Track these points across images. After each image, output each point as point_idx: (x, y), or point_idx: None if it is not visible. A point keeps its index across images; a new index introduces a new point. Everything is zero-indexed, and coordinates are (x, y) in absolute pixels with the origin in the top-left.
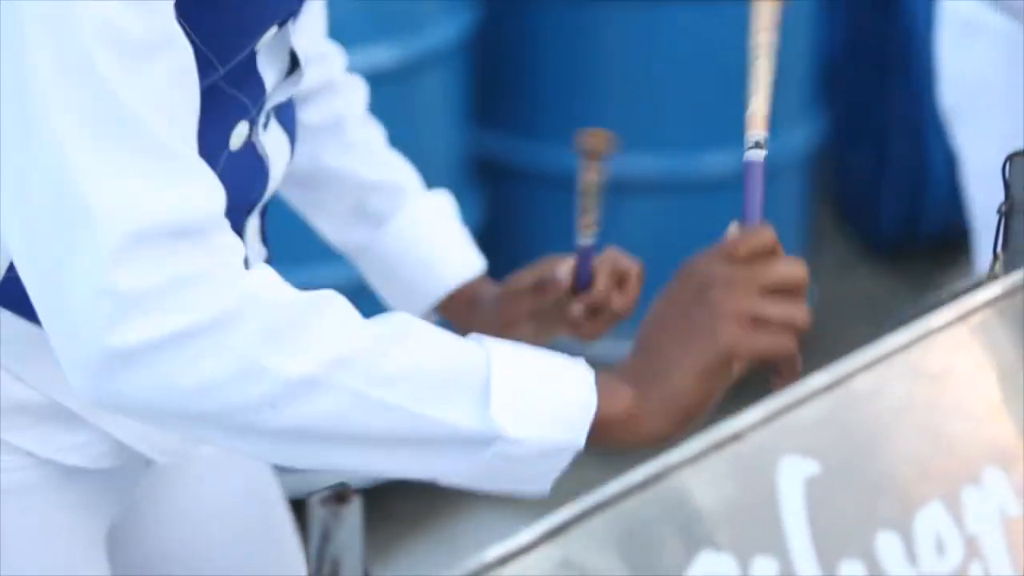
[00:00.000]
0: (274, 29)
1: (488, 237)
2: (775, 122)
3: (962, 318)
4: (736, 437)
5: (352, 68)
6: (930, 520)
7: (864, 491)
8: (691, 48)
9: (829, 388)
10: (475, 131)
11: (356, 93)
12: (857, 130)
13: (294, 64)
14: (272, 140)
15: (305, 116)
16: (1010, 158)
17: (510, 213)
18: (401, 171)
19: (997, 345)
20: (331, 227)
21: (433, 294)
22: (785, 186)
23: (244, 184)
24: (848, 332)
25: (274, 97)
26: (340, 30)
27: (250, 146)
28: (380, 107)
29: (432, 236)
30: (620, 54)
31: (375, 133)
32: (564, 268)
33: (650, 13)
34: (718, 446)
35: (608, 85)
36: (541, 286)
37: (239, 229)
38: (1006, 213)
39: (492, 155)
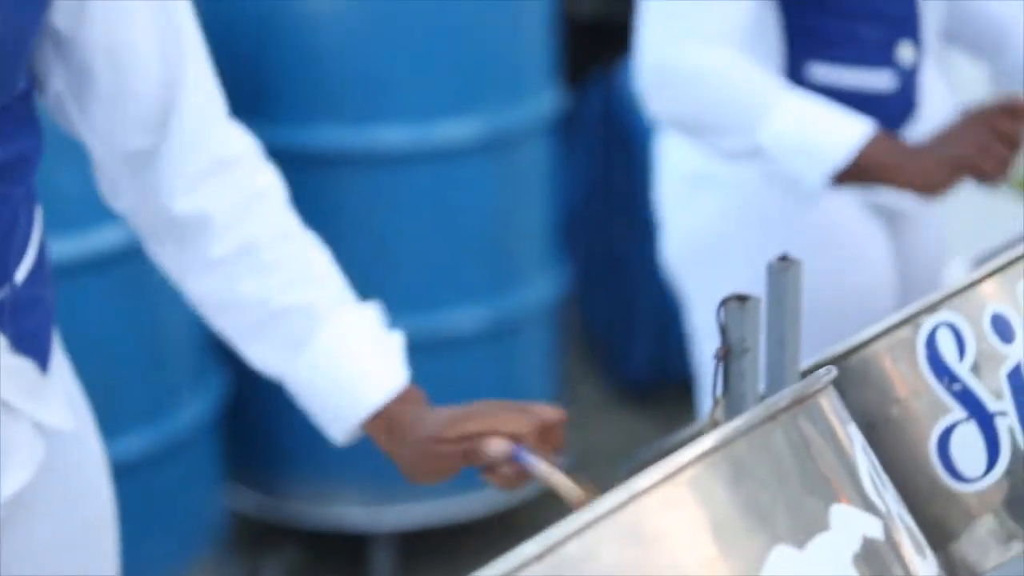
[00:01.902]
0: None
1: (235, 413)
2: (519, 274)
3: (672, 476)
4: None
5: (80, 248)
6: None
7: None
8: (429, 208)
9: (539, 557)
10: None
11: (272, 199)
12: (603, 275)
13: None
14: None
15: (215, 249)
16: (724, 302)
17: (256, 387)
18: (317, 285)
19: (710, 497)
20: (253, 355)
21: (352, 418)
22: (533, 335)
23: None
24: (606, 476)
25: None
26: (79, 209)
27: None
28: (112, 292)
29: (346, 362)
30: (358, 216)
31: (293, 245)
32: (495, 446)
33: (387, 176)
34: None
35: (348, 246)
36: (473, 452)
37: None
38: (724, 357)
39: None
